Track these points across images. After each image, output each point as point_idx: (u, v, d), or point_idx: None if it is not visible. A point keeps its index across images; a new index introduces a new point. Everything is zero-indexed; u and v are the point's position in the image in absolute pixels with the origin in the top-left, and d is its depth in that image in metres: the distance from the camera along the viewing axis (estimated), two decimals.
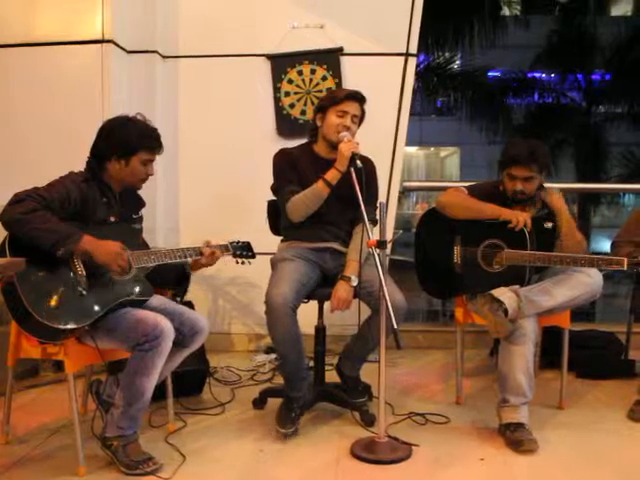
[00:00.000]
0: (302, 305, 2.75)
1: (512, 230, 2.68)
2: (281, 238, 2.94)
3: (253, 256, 2.79)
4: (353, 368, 2.87)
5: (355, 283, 2.63)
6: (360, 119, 2.79)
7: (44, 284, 2.16)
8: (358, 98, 2.74)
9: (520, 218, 2.66)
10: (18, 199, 2.13)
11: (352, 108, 2.71)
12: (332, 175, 2.63)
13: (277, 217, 2.95)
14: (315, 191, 2.66)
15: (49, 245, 2.11)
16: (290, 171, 2.77)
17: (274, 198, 2.91)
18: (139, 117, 2.44)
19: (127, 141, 2.37)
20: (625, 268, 2.50)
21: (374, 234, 2.43)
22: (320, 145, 2.81)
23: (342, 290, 2.64)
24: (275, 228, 3.02)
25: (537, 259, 2.65)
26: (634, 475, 2.32)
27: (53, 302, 2.15)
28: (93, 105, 3.42)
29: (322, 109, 2.76)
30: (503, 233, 2.75)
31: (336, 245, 2.79)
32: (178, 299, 2.72)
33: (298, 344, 2.60)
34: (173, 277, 2.64)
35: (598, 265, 2.57)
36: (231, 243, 2.72)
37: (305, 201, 2.69)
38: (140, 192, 2.59)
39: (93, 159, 2.40)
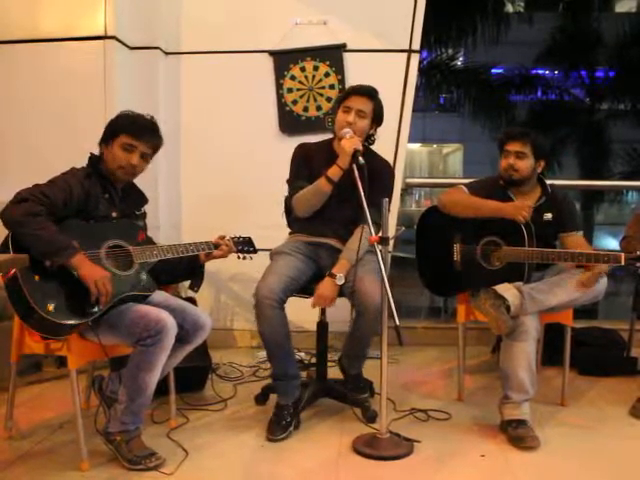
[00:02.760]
0: (303, 301, 2.76)
1: (510, 227, 2.70)
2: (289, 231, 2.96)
3: (255, 251, 2.80)
4: (353, 366, 2.86)
5: (341, 282, 2.60)
6: (373, 114, 2.72)
7: (47, 280, 2.16)
8: (362, 92, 2.70)
9: (524, 213, 2.66)
10: (21, 198, 2.13)
11: (357, 103, 2.68)
12: (333, 171, 2.62)
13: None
14: (317, 187, 2.67)
15: (39, 253, 2.11)
16: (303, 166, 2.79)
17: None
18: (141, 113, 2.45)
19: (111, 125, 2.39)
20: (622, 264, 2.50)
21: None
22: (337, 142, 2.78)
23: (324, 287, 2.61)
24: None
25: (535, 256, 2.66)
26: (636, 472, 2.32)
27: (56, 298, 2.16)
28: (96, 101, 3.42)
29: (336, 107, 2.76)
30: (501, 230, 2.77)
31: (333, 242, 2.78)
32: (195, 289, 2.72)
33: (284, 339, 2.59)
34: (184, 270, 2.66)
35: (596, 261, 2.57)
36: (232, 238, 2.74)
37: (307, 197, 2.70)
38: (142, 188, 2.59)
39: (96, 155, 2.41)
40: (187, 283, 2.75)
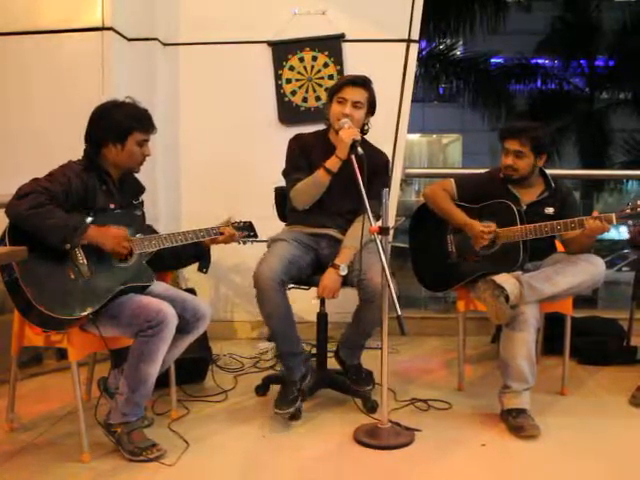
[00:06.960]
0: (303, 292, 2.77)
1: (500, 210, 2.77)
2: (285, 222, 2.95)
3: (255, 235, 2.79)
4: (352, 356, 2.87)
5: (344, 272, 2.61)
6: (369, 104, 2.72)
7: (46, 274, 2.17)
8: (357, 83, 2.69)
9: (481, 241, 2.76)
10: (24, 193, 2.13)
11: (352, 94, 2.67)
12: (332, 162, 2.61)
13: (284, 204, 2.95)
14: (316, 179, 2.66)
15: (57, 241, 2.13)
16: (301, 158, 2.76)
17: (281, 185, 2.93)
18: (128, 100, 2.44)
19: (120, 124, 2.36)
20: (615, 223, 2.53)
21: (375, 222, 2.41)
22: (333, 133, 2.78)
23: (328, 278, 2.62)
24: (282, 215, 3.03)
25: (529, 232, 2.68)
26: (635, 461, 2.33)
27: (55, 292, 2.16)
28: (94, 93, 3.39)
29: (329, 98, 2.75)
30: (493, 215, 2.80)
31: (334, 232, 2.78)
32: (204, 270, 2.72)
33: (288, 318, 2.59)
34: (189, 254, 2.66)
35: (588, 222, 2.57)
36: (233, 224, 2.72)
37: (306, 189, 2.69)
38: (141, 180, 2.59)
39: (89, 147, 2.40)
40: (186, 273, 2.74)
